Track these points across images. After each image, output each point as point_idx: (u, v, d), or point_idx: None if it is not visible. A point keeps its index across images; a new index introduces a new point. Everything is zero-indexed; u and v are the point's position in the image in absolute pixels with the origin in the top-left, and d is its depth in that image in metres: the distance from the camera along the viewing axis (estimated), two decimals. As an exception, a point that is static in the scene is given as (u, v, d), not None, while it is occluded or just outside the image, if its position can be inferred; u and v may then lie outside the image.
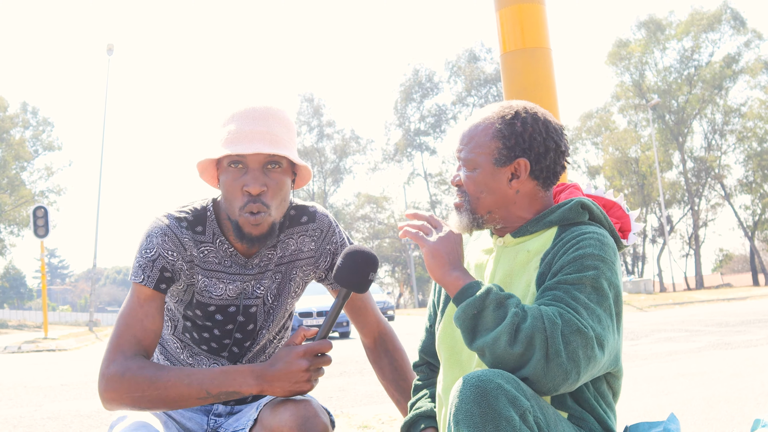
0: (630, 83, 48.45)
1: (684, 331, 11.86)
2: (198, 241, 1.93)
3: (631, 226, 1.91)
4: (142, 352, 1.83)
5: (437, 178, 56.89)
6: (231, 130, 1.85)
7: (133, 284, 1.90)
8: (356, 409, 5.49)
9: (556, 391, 1.54)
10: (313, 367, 1.75)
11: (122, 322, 1.85)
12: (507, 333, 1.52)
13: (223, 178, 1.86)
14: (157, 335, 1.87)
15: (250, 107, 1.88)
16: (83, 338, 21.93)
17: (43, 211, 21.45)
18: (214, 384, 1.77)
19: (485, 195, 1.78)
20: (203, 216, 1.95)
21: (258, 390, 1.76)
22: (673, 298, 28.20)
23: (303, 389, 1.76)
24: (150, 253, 1.88)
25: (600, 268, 1.64)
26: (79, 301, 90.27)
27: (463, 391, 1.46)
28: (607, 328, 1.60)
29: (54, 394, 7.51)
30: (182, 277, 1.93)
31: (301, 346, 1.76)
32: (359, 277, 1.80)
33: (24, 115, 49.38)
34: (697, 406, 4.78)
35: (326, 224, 2.07)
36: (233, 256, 1.96)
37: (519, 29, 3.08)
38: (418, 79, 56.00)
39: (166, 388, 1.76)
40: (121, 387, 1.77)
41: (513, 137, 1.75)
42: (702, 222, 49.09)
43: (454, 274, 1.67)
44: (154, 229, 1.91)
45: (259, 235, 1.86)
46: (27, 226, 45.82)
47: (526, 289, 1.72)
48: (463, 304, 1.60)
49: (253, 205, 1.82)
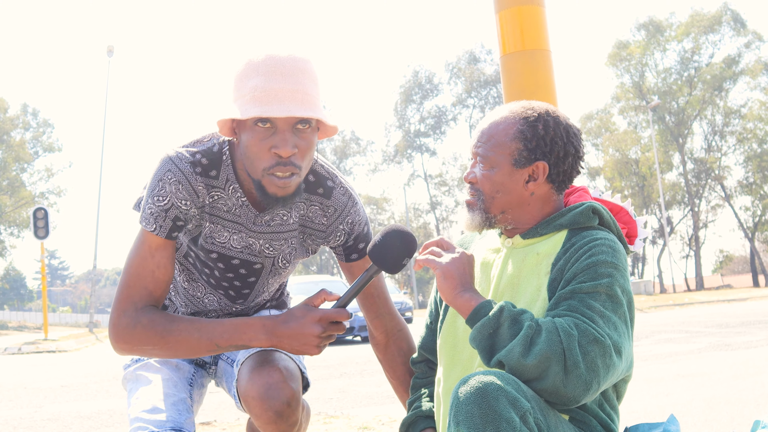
0: (630, 85, 48.44)
1: (684, 332, 11.86)
2: (210, 186, 1.84)
3: (638, 232, 1.91)
4: (153, 301, 1.83)
5: (437, 180, 56.88)
6: (256, 86, 1.67)
7: (143, 230, 1.83)
8: (356, 410, 5.48)
9: (577, 402, 1.54)
10: (325, 334, 1.73)
11: (132, 272, 1.82)
12: (520, 345, 1.52)
13: (247, 137, 1.71)
14: (168, 284, 1.86)
15: (275, 58, 1.70)
16: (83, 339, 21.92)
17: (44, 213, 21.44)
18: (224, 338, 1.76)
19: (500, 195, 1.77)
20: (218, 159, 1.84)
21: (267, 344, 1.75)
22: (674, 299, 28.18)
23: (310, 352, 1.74)
24: (163, 201, 1.79)
25: (614, 275, 1.64)
26: (80, 303, 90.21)
27: (464, 392, 1.46)
28: (623, 335, 1.61)
29: (54, 396, 7.51)
30: (192, 221, 1.88)
31: (319, 311, 1.73)
32: (393, 259, 1.75)
33: (24, 117, 49.38)
34: (697, 407, 4.78)
35: (341, 204, 1.96)
36: (244, 206, 1.88)
37: (519, 31, 3.08)
38: (418, 81, 55.99)
39: (177, 341, 1.77)
40: (132, 339, 1.78)
41: (534, 140, 1.74)
42: (702, 223, 49.06)
43: (465, 296, 1.66)
44: (167, 173, 1.80)
45: (284, 196, 1.75)
46: (27, 228, 45.81)
47: (536, 294, 1.71)
48: (477, 325, 1.59)
49: (283, 168, 1.70)
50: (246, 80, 1.70)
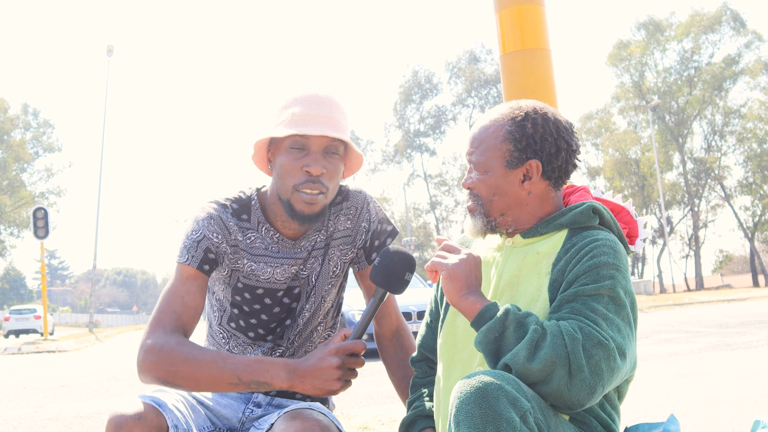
0: (630, 84, 48.47)
1: (684, 332, 11.86)
2: (244, 228, 1.98)
3: (639, 233, 1.91)
4: (182, 328, 1.85)
5: (437, 179, 56.91)
6: (295, 112, 1.89)
7: (177, 264, 1.92)
8: (356, 410, 5.49)
9: (582, 406, 1.54)
10: (344, 367, 1.74)
11: (163, 300, 1.88)
12: (525, 349, 1.52)
13: (282, 159, 1.90)
14: (198, 313, 1.89)
15: (314, 93, 1.93)
16: (83, 339, 21.94)
17: (43, 213, 21.46)
18: (247, 371, 1.76)
19: (498, 197, 1.77)
20: (248, 204, 2.00)
21: (288, 384, 1.75)
22: (673, 299, 28.19)
23: (332, 388, 1.74)
24: (195, 234, 1.92)
25: (616, 277, 1.63)
26: (79, 303, 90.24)
27: (464, 392, 1.46)
28: (627, 337, 1.60)
29: (54, 396, 7.51)
30: (226, 261, 1.96)
31: (334, 345, 1.75)
32: (396, 277, 1.81)
33: (24, 117, 49.43)
34: (697, 407, 4.78)
35: (360, 201, 2.10)
36: (280, 242, 2.01)
37: (519, 30, 3.08)
38: (418, 80, 56.01)
39: (200, 366, 1.77)
40: (157, 359, 1.78)
41: (524, 139, 1.75)
42: (702, 223, 49.09)
43: (470, 298, 1.65)
44: (200, 213, 1.96)
45: (310, 214, 1.90)
46: (27, 228, 45.86)
47: (536, 294, 1.71)
48: (483, 328, 1.59)
49: (312, 185, 1.87)
50: (286, 108, 1.93)
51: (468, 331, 1.78)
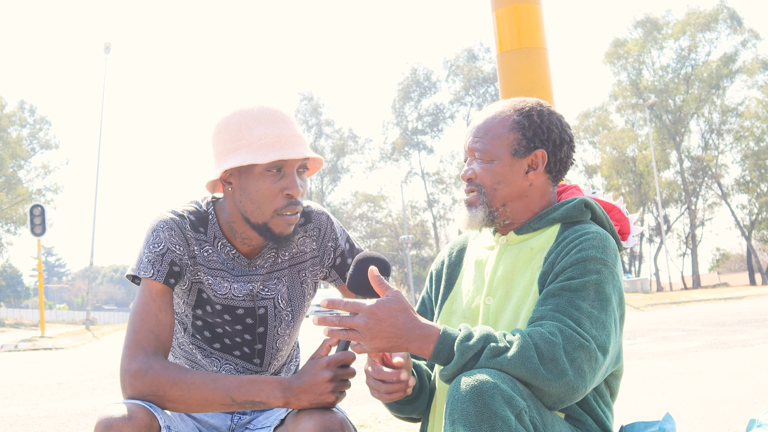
0: (627, 82, 48.50)
1: (681, 330, 11.88)
2: (201, 241, 1.94)
3: (631, 229, 1.92)
4: (161, 348, 1.82)
5: (435, 177, 56.92)
6: (266, 134, 1.83)
7: (143, 280, 1.87)
8: (353, 408, 5.49)
9: (563, 404, 1.55)
10: (337, 379, 1.74)
11: (137, 318, 1.83)
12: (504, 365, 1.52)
13: (258, 184, 1.84)
14: (172, 329, 1.86)
15: (271, 109, 1.88)
16: (80, 337, 21.90)
17: (40, 210, 21.41)
18: (241, 392, 1.75)
19: (502, 186, 1.79)
20: (205, 218, 1.96)
21: (284, 402, 1.75)
22: (670, 298, 28.23)
23: (327, 401, 1.74)
24: (158, 247, 1.87)
25: (602, 272, 1.64)
26: (76, 300, 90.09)
27: (460, 390, 1.46)
28: (611, 333, 1.62)
29: (50, 393, 7.50)
30: (187, 274, 1.93)
31: (324, 358, 1.74)
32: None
33: (21, 114, 49.30)
34: (693, 405, 4.79)
35: (323, 221, 2.07)
36: (236, 259, 1.97)
37: (515, 29, 3.08)
38: (416, 78, 56.00)
39: (190, 389, 1.74)
40: (143, 385, 1.75)
41: (532, 128, 1.79)
42: (699, 221, 49.16)
43: (414, 344, 1.57)
44: (160, 223, 1.90)
45: (289, 234, 1.91)
46: (24, 225, 45.76)
47: (528, 287, 1.72)
48: (450, 365, 1.54)
49: (294, 207, 1.87)
50: (249, 130, 1.85)
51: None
